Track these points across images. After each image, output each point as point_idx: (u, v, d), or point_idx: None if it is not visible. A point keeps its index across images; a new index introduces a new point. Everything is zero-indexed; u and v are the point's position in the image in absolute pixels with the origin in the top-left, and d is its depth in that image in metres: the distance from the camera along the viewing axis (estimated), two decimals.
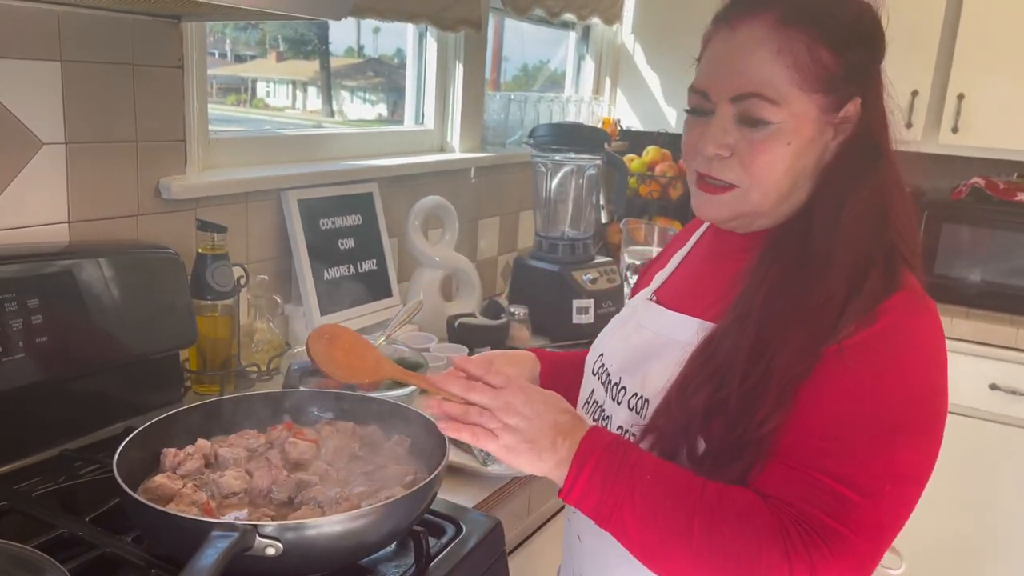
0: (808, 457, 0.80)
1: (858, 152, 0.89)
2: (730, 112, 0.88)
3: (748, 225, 0.95)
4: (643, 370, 0.95)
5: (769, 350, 0.83)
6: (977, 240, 2.64)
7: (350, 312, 1.83)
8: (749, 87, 0.86)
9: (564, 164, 2.21)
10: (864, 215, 0.86)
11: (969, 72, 2.59)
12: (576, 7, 2.68)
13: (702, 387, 0.85)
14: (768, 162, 0.87)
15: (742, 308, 0.87)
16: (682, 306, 0.98)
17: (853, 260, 0.85)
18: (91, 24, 1.34)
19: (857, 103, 0.88)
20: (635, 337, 1.01)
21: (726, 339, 0.86)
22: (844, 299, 0.83)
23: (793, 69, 0.85)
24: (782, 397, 0.81)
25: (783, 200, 0.90)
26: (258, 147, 1.79)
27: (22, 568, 0.83)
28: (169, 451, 1.06)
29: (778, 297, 0.85)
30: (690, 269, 1.05)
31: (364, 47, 2.37)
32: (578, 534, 1.02)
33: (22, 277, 1.18)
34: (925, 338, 0.85)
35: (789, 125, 0.86)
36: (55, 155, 1.34)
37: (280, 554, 0.86)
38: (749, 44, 0.86)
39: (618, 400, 0.97)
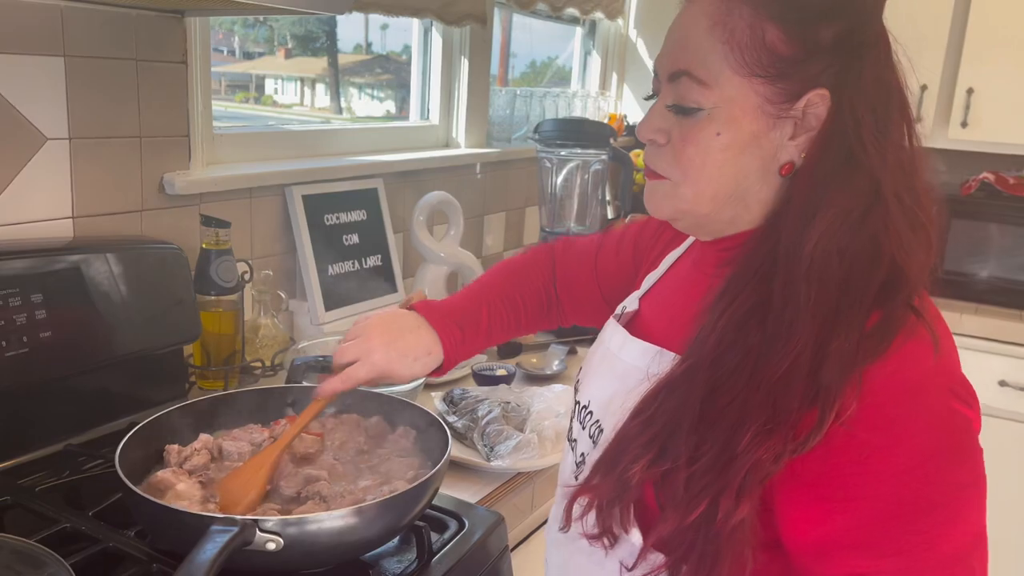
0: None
1: (827, 158, 0.72)
2: (668, 94, 0.77)
3: (700, 228, 0.82)
4: (605, 396, 0.86)
5: (723, 424, 0.69)
6: (987, 235, 2.62)
7: (354, 307, 1.83)
8: (680, 64, 0.75)
9: (569, 159, 2.21)
10: (835, 244, 0.69)
11: (978, 66, 2.57)
12: (579, 2, 2.67)
13: (639, 456, 0.72)
14: (694, 154, 0.75)
15: (693, 359, 0.73)
16: (652, 327, 0.88)
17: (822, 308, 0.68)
18: (94, 19, 1.34)
19: (823, 95, 0.71)
20: (599, 359, 0.93)
21: (671, 397, 0.73)
22: (812, 363, 0.67)
23: (727, 46, 0.72)
24: (744, 487, 0.67)
25: (724, 202, 0.76)
26: (262, 143, 1.79)
27: (25, 563, 0.83)
28: (173, 447, 1.06)
29: (731, 352, 0.70)
30: (672, 279, 0.93)
31: (372, 44, 2.37)
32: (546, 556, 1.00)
33: (26, 273, 1.19)
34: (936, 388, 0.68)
35: (721, 113, 0.73)
36: (59, 151, 1.34)
37: (281, 549, 0.86)
38: (691, 17, 0.75)
39: (584, 424, 0.89)
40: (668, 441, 0.71)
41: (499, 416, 1.38)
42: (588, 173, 2.22)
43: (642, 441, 0.73)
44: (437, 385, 1.61)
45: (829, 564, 0.69)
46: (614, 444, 0.76)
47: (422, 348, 1.02)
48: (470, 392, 1.50)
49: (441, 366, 1.05)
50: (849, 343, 0.67)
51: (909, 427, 0.66)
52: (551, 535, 0.97)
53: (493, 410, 1.40)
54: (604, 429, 0.84)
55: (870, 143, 0.71)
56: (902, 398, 0.67)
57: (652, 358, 0.81)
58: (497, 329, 1.10)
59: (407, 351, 1.00)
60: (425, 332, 1.03)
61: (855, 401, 0.66)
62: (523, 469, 1.30)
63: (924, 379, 0.68)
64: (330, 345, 1.57)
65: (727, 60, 0.72)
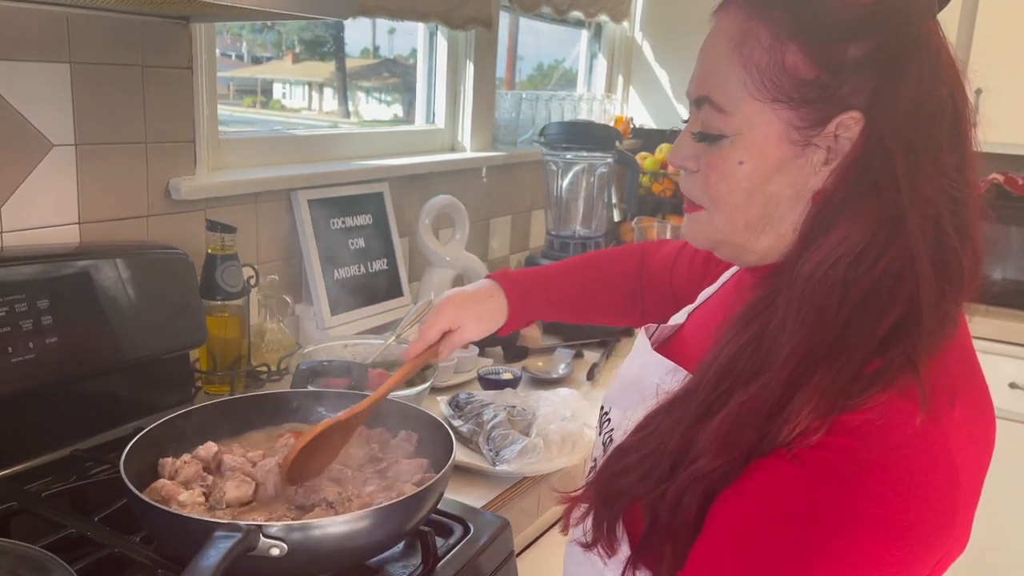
0: None
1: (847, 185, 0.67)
2: (695, 120, 0.74)
3: (739, 258, 0.78)
4: (623, 407, 0.87)
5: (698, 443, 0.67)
6: (996, 237, 2.60)
7: (360, 312, 1.83)
8: (703, 89, 0.72)
9: (575, 163, 2.21)
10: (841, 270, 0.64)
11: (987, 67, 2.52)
12: (584, 4, 2.67)
13: (630, 470, 0.72)
14: (719, 182, 0.72)
15: (695, 381, 0.72)
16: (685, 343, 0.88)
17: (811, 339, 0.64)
18: (100, 26, 1.35)
19: (857, 118, 0.66)
20: (626, 369, 0.94)
21: (669, 416, 0.71)
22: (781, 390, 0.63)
23: (745, 71, 0.68)
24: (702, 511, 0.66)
25: (757, 232, 0.73)
26: (268, 147, 1.80)
27: (30, 568, 0.83)
28: (166, 461, 1.05)
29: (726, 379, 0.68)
30: (715, 301, 0.92)
31: (379, 48, 2.37)
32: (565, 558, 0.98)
33: (32, 278, 1.19)
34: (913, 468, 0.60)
35: (743, 140, 0.69)
36: (65, 157, 1.34)
37: (285, 555, 0.85)
38: (714, 39, 0.72)
39: (601, 430, 0.92)
40: (656, 460, 0.70)
41: (505, 420, 1.38)
42: (594, 176, 2.21)
43: (636, 457, 0.72)
44: (442, 389, 1.61)
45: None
46: (613, 456, 0.75)
47: (486, 299, 1.11)
48: (476, 396, 1.50)
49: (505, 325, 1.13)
50: (835, 384, 0.61)
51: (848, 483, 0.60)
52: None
53: (499, 414, 1.39)
54: (614, 439, 0.84)
55: (901, 173, 0.65)
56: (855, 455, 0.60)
57: (667, 374, 0.80)
58: (570, 307, 1.17)
59: (475, 306, 1.10)
60: (493, 291, 1.12)
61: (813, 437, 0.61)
62: (529, 473, 1.30)
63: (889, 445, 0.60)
64: (335, 349, 1.57)
65: (746, 86, 0.68)
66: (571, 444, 1.35)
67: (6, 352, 1.14)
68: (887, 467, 0.59)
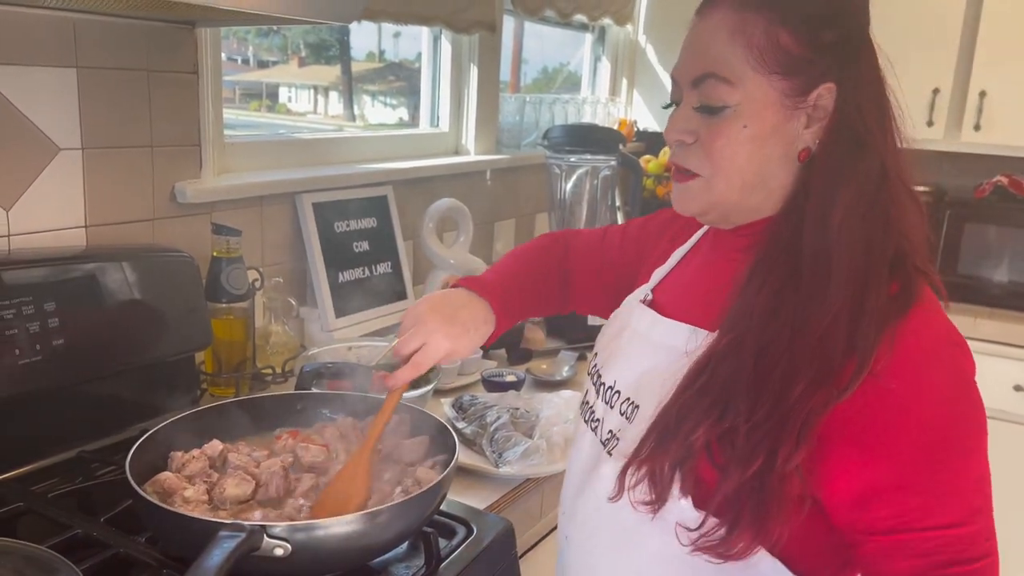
0: (902, 520, 0.77)
1: (839, 142, 0.82)
2: (692, 98, 0.86)
3: (726, 218, 0.90)
4: (635, 375, 0.93)
5: (775, 380, 0.78)
6: (1001, 239, 2.60)
7: (364, 314, 1.83)
8: (704, 68, 0.84)
9: (579, 166, 2.21)
10: (857, 214, 0.80)
11: (991, 69, 2.55)
12: (587, 8, 2.68)
13: (702, 419, 0.80)
14: (724, 146, 0.83)
15: (737, 330, 0.82)
16: (675, 310, 0.95)
17: (854, 269, 0.79)
18: (106, 31, 1.36)
19: (831, 88, 0.82)
20: (627, 341, 0.98)
21: (723, 365, 0.81)
22: (850, 316, 0.77)
23: (747, 49, 0.82)
24: (803, 433, 0.76)
25: (752, 190, 0.86)
26: (273, 151, 1.81)
27: (37, 568, 0.84)
28: (176, 454, 1.07)
29: (775, 315, 0.80)
30: (687, 269, 1.01)
31: (385, 51, 2.38)
32: (566, 535, 1.02)
33: (39, 281, 1.20)
34: (954, 349, 0.80)
35: (745, 108, 0.82)
36: (72, 160, 1.35)
37: (289, 555, 0.86)
38: (708, 28, 0.84)
39: (611, 404, 0.95)
40: (728, 404, 0.79)
41: (508, 422, 1.38)
42: (598, 179, 2.22)
43: (702, 407, 0.80)
44: (446, 391, 1.62)
45: (870, 509, 0.77)
46: (671, 414, 0.83)
47: (479, 318, 1.08)
48: (479, 398, 1.50)
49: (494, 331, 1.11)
50: (880, 302, 0.78)
51: (932, 377, 0.77)
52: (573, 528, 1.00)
53: (502, 416, 1.40)
54: (640, 405, 0.89)
55: (874, 128, 0.82)
56: (924, 352, 0.78)
57: (688, 336, 0.87)
58: (529, 301, 1.18)
59: (466, 324, 1.06)
60: (476, 303, 1.09)
61: (888, 355, 0.76)
62: (531, 475, 1.30)
63: (938, 335, 0.79)
64: (339, 352, 1.58)
65: (748, 61, 0.81)
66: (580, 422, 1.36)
67: (13, 354, 1.15)
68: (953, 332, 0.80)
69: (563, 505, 1.03)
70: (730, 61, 0.82)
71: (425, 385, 1.43)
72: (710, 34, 0.84)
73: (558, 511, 1.08)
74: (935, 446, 0.76)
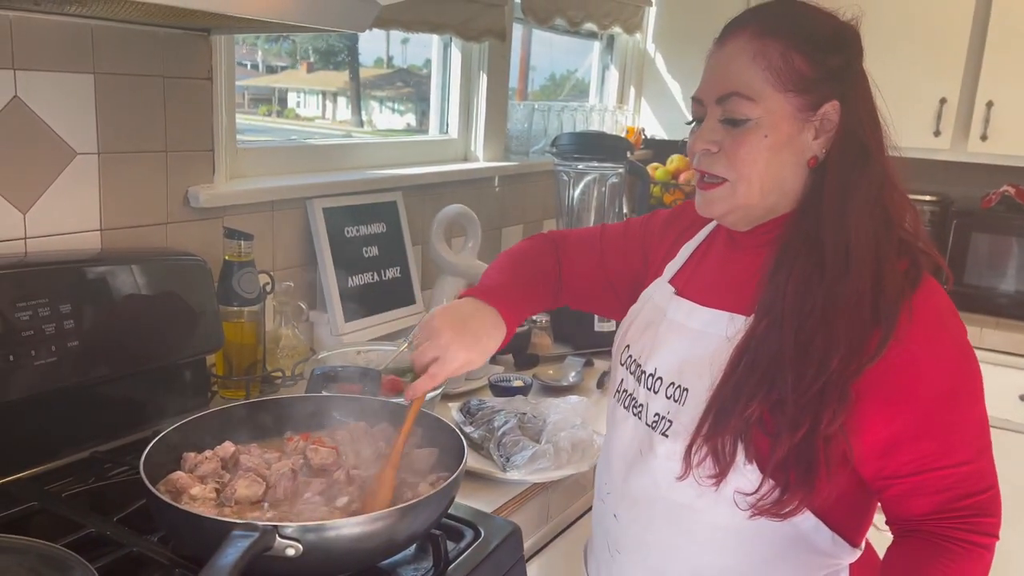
0: (923, 462, 0.91)
1: (847, 151, 0.96)
2: (716, 113, 0.99)
3: (746, 219, 1.03)
4: (679, 362, 1.03)
5: (816, 350, 0.90)
6: (1007, 249, 2.60)
7: (373, 319, 1.85)
8: (730, 87, 0.97)
9: (587, 173, 2.22)
10: (867, 211, 0.94)
11: (998, 79, 2.55)
12: (597, 17, 2.70)
13: (755, 394, 0.92)
14: (748, 153, 0.96)
15: (775, 312, 0.94)
16: (708, 300, 1.05)
17: (869, 256, 0.92)
18: (123, 37, 1.38)
19: (835, 105, 0.96)
20: (663, 330, 1.08)
21: (766, 343, 0.93)
22: (873, 294, 0.91)
23: (767, 71, 0.95)
24: (843, 396, 0.89)
25: (769, 192, 0.99)
26: (284, 157, 1.82)
27: (51, 566, 0.85)
28: (189, 455, 1.08)
29: (806, 298, 0.93)
30: (707, 263, 1.12)
31: (393, 58, 2.40)
32: (614, 513, 1.11)
33: (55, 283, 1.22)
34: (954, 314, 0.95)
35: (765, 120, 0.96)
36: (88, 165, 1.37)
37: (300, 555, 0.87)
38: (731, 53, 0.98)
39: (655, 390, 1.05)
40: (775, 378, 0.91)
41: (515, 427, 1.39)
42: (605, 186, 2.23)
43: (752, 383, 0.93)
44: (454, 396, 1.63)
45: (895, 456, 0.91)
46: (726, 393, 0.94)
47: (488, 324, 1.11)
48: (487, 403, 1.51)
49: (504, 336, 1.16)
50: (895, 280, 0.92)
51: (943, 339, 0.93)
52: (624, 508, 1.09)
53: (509, 421, 1.41)
54: (689, 388, 1.00)
55: (872, 139, 0.97)
56: (936, 318, 0.93)
57: (727, 322, 0.99)
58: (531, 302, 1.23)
59: (478, 333, 1.09)
60: (484, 310, 1.12)
61: (908, 323, 0.89)
62: (538, 480, 1.31)
63: (944, 303, 0.95)
64: (349, 355, 1.59)
65: (768, 81, 0.95)
66: (581, 451, 1.37)
67: (29, 355, 1.16)
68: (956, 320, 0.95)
69: (608, 487, 1.13)
70: (752, 81, 0.96)
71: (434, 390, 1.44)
72: (733, 57, 0.97)
73: (596, 493, 1.18)
74: (947, 397, 0.91)
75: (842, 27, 0.99)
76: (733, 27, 1.00)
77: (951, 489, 0.91)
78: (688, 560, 1.03)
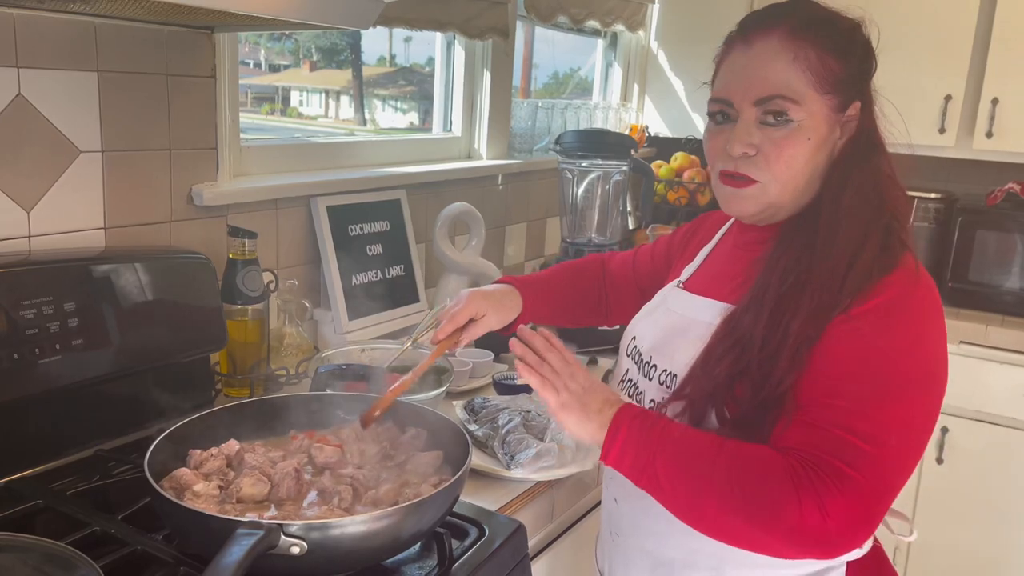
0: (820, 414, 0.89)
1: (858, 148, 1.00)
2: (753, 115, 0.98)
3: (771, 218, 1.04)
4: (671, 348, 1.06)
5: (785, 318, 0.93)
6: (1012, 246, 2.59)
7: (377, 317, 1.85)
8: (773, 90, 0.97)
9: (591, 170, 2.22)
10: (862, 197, 0.97)
11: (1003, 76, 2.55)
12: (600, 15, 2.69)
13: (725, 356, 0.95)
14: (791, 156, 0.97)
15: (760, 287, 0.98)
16: (706, 291, 1.09)
17: (852, 235, 0.95)
18: (127, 35, 1.38)
19: (857, 106, 0.99)
20: (663, 320, 1.12)
21: (746, 314, 0.97)
22: (845, 269, 0.93)
23: (809, 73, 0.96)
24: (795, 358, 0.91)
25: (800, 193, 1.00)
26: (288, 155, 1.82)
27: (56, 565, 0.85)
28: (195, 452, 1.08)
29: (791, 272, 0.96)
30: (716, 261, 1.15)
31: (396, 56, 2.40)
32: (615, 497, 1.13)
33: (59, 281, 1.22)
34: (924, 309, 0.94)
35: (808, 123, 0.97)
36: (92, 163, 1.37)
37: (305, 553, 0.87)
38: (767, 54, 0.97)
39: (649, 377, 1.08)
40: (746, 345, 0.94)
41: (519, 425, 1.39)
42: (609, 184, 2.23)
43: (725, 346, 0.96)
44: (458, 394, 1.63)
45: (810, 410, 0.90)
46: (701, 358, 0.98)
47: (507, 295, 1.27)
48: (491, 401, 1.51)
49: (518, 318, 1.28)
50: (869, 260, 0.93)
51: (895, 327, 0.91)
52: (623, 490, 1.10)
53: (513, 419, 1.41)
54: (677, 374, 1.03)
55: (880, 134, 1.01)
56: (898, 304, 0.92)
57: (720, 311, 1.02)
58: (559, 308, 1.37)
59: (497, 297, 1.26)
60: (505, 288, 1.29)
61: (864, 302, 0.91)
62: (543, 478, 1.31)
63: (911, 295, 0.94)
64: (353, 354, 1.59)
65: (810, 83, 0.96)
66: (585, 450, 1.37)
67: (33, 353, 1.17)
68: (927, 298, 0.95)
69: (611, 471, 1.11)
70: (794, 83, 0.96)
71: (437, 388, 1.44)
72: (769, 59, 0.97)
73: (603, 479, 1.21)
74: (877, 378, 0.89)
75: (857, 26, 1.00)
76: (759, 27, 0.99)
77: (827, 443, 0.87)
78: (683, 544, 1.03)
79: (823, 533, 0.85)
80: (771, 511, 0.86)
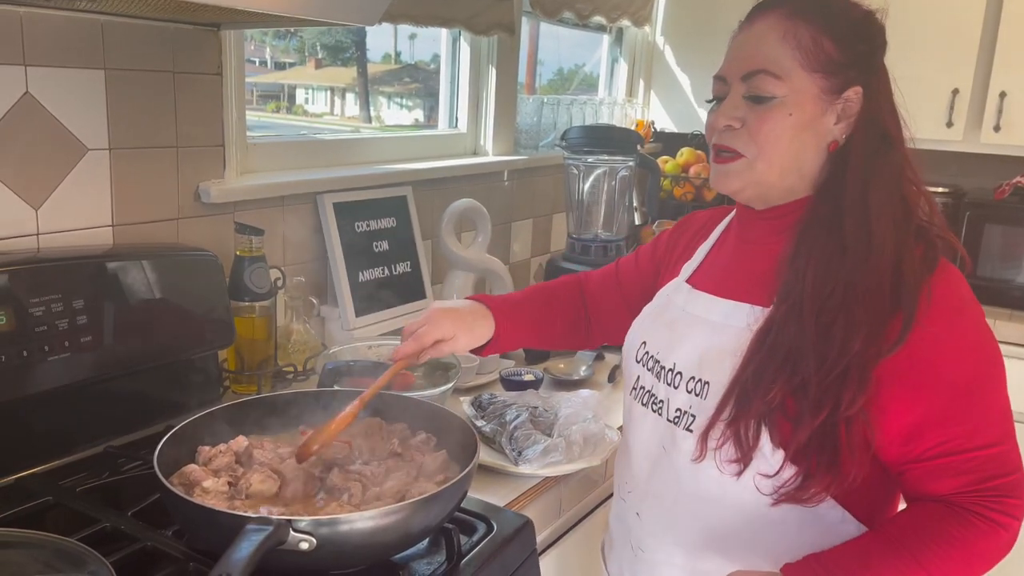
0: (947, 446, 0.91)
1: (869, 139, 0.98)
2: (741, 90, 1.00)
3: (762, 198, 1.03)
4: (698, 355, 1.03)
5: (837, 333, 0.91)
6: (1020, 240, 2.58)
7: (384, 313, 1.85)
8: (757, 65, 0.98)
9: (596, 166, 2.22)
10: (887, 198, 0.95)
11: (1011, 70, 2.53)
12: (606, 9, 2.68)
13: (776, 377, 0.93)
14: (771, 130, 0.97)
15: (793, 297, 0.95)
16: (721, 291, 1.06)
17: (889, 241, 0.93)
18: (133, 33, 1.38)
19: (859, 91, 0.97)
20: (682, 325, 1.08)
21: (787, 328, 0.94)
22: (892, 277, 0.92)
23: (796, 50, 0.96)
24: (863, 378, 0.90)
25: (788, 173, 1.00)
26: (294, 152, 1.82)
27: (67, 560, 0.86)
28: (203, 448, 1.09)
29: (826, 283, 0.93)
30: (722, 258, 1.12)
31: (401, 53, 2.40)
32: (636, 512, 1.10)
33: (68, 279, 1.22)
34: (971, 294, 0.96)
35: (791, 99, 0.97)
36: (99, 160, 1.38)
37: (314, 549, 0.87)
38: (760, 32, 0.99)
39: (675, 385, 1.05)
40: (797, 361, 0.92)
41: (527, 421, 1.39)
42: (615, 180, 2.23)
43: (774, 366, 0.93)
44: (466, 390, 1.63)
45: (920, 441, 0.91)
46: (747, 378, 0.95)
47: (478, 314, 1.20)
48: (498, 397, 1.51)
49: (489, 342, 1.21)
50: (913, 264, 0.93)
51: (964, 321, 0.93)
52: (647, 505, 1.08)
53: (521, 415, 1.41)
54: (711, 381, 1.00)
55: (893, 127, 0.99)
56: (956, 300, 0.94)
57: (747, 313, 1.00)
58: (534, 332, 1.29)
59: (465, 316, 1.19)
60: (477, 306, 1.22)
61: (928, 306, 0.90)
62: (551, 474, 1.31)
63: (962, 286, 0.95)
64: (360, 350, 1.59)
65: (796, 60, 0.96)
66: (593, 445, 1.37)
67: (42, 350, 1.17)
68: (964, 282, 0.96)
69: (630, 485, 1.12)
70: (780, 59, 0.97)
71: (445, 384, 1.44)
72: (762, 36, 0.98)
73: (616, 492, 1.18)
74: (970, 380, 0.91)
75: (870, 16, 1.00)
76: (762, 8, 1.01)
77: (975, 471, 0.91)
78: (714, 557, 1.02)
79: (1015, 533, 0.92)
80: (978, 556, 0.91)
